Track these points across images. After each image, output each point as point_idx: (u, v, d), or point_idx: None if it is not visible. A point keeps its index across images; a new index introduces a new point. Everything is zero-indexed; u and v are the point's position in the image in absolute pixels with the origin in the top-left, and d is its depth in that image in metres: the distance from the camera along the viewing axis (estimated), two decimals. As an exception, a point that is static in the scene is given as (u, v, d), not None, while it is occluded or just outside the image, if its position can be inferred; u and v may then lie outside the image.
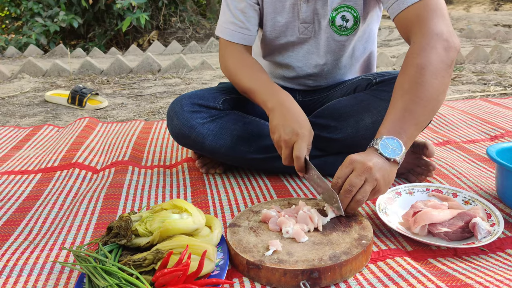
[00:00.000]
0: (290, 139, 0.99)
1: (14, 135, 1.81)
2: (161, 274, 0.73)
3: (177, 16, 5.46)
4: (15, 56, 4.37)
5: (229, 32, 1.20)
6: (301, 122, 1.01)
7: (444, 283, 0.72)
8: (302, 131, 0.99)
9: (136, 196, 1.19)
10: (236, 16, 1.19)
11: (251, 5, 1.19)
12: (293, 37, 1.22)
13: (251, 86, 1.13)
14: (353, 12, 1.16)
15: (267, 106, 1.08)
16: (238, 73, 1.18)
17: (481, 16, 7.07)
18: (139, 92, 2.67)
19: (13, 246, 0.95)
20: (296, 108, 1.05)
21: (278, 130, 1.02)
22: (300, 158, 0.97)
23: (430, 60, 0.90)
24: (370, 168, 0.84)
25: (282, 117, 1.03)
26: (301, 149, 0.97)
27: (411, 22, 0.98)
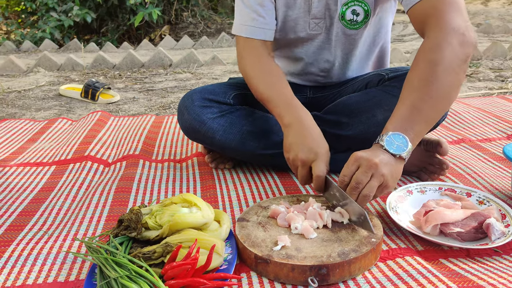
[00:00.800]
0: (308, 158, 0.96)
1: (29, 127, 1.84)
2: (170, 267, 0.74)
3: (188, 11, 5.46)
4: (31, 50, 4.43)
5: (249, 29, 1.16)
6: (320, 142, 0.99)
7: (455, 284, 0.71)
8: (321, 151, 0.97)
9: (146, 189, 1.20)
10: (255, 10, 1.15)
11: (270, 2, 1.16)
12: (303, 33, 1.21)
13: (269, 95, 1.10)
14: (363, 6, 1.15)
15: (283, 121, 1.05)
16: (256, 78, 1.14)
17: (499, 10, 6.93)
18: (151, 87, 2.69)
19: (27, 236, 0.97)
20: (314, 127, 1.02)
21: (295, 149, 0.99)
22: (321, 177, 0.94)
23: (444, 55, 0.88)
24: (376, 164, 0.84)
25: (299, 135, 1.00)
26: (322, 168, 0.95)
27: (426, 15, 0.95)
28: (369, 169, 0.84)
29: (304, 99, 1.38)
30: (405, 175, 1.21)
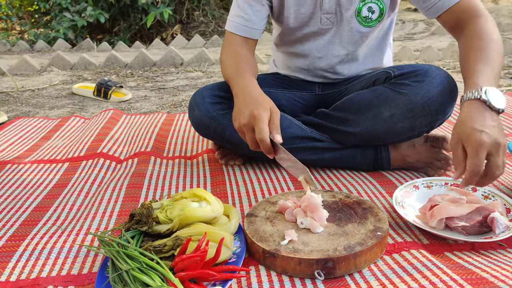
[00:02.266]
0: (249, 123, 0.95)
1: (43, 125, 1.88)
2: (180, 260, 0.76)
3: (200, 10, 5.49)
4: (44, 50, 4.50)
5: (235, 25, 1.23)
6: (259, 103, 0.97)
7: (459, 276, 0.73)
8: (259, 112, 0.94)
9: (157, 185, 1.23)
10: (243, 9, 1.22)
11: (262, 7, 1.22)
12: (314, 27, 1.24)
13: (228, 73, 1.16)
14: (379, 4, 1.17)
15: (234, 92, 1.09)
16: (223, 63, 1.21)
17: (510, 8, 6.83)
18: (162, 85, 2.72)
19: (42, 231, 1.00)
20: (256, 91, 1.03)
21: (238, 116, 0.99)
22: (264, 140, 0.92)
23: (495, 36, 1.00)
24: (501, 145, 0.82)
25: (242, 101, 1.01)
26: (262, 131, 0.92)
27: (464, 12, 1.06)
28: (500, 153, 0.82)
29: (312, 96, 1.39)
30: (412, 170, 1.22)
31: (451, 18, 1.10)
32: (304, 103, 1.38)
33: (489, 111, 0.85)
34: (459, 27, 1.09)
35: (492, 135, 0.81)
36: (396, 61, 3.11)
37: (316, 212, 0.87)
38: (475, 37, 1.01)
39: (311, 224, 0.86)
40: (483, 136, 0.81)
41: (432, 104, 1.09)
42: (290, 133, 1.21)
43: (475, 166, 0.81)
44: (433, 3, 1.10)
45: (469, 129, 0.82)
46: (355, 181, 1.18)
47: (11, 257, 0.89)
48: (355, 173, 1.23)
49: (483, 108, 0.85)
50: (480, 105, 0.86)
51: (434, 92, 1.09)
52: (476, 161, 0.81)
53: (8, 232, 1.00)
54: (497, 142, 0.81)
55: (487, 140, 0.80)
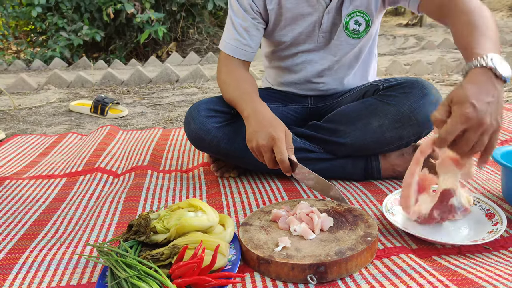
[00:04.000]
0: (268, 144, 1.02)
1: (41, 142, 1.91)
2: (177, 267, 0.79)
3: (194, 28, 5.59)
4: (41, 69, 4.55)
5: (232, 48, 1.27)
6: (275, 126, 1.04)
7: (445, 277, 0.76)
8: (278, 134, 1.02)
9: (154, 198, 1.26)
10: (240, 33, 1.26)
11: (254, 25, 1.26)
12: (311, 45, 1.30)
13: (233, 96, 1.20)
14: (365, 17, 1.23)
15: (244, 115, 1.13)
16: (226, 85, 1.25)
17: (499, 23, 7.00)
18: (158, 101, 2.77)
19: (41, 244, 1.02)
20: (269, 114, 1.09)
21: (255, 137, 1.05)
22: (284, 160, 1.00)
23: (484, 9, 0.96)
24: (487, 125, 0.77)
25: (256, 123, 1.07)
26: (282, 152, 1.00)
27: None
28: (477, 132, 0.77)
29: (305, 109, 1.44)
30: (401, 179, 1.25)
31: (431, 3, 1.09)
32: (296, 116, 1.43)
33: (494, 80, 0.79)
34: (443, 11, 1.05)
35: (480, 112, 0.76)
36: (387, 75, 3.18)
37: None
38: (464, 14, 0.96)
39: (304, 231, 0.89)
40: (470, 110, 0.76)
41: (419, 114, 1.13)
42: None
43: (446, 133, 0.78)
44: None
45: (464, 95, 0.77)
46: (347, 190, 1.21)
47: (11, 269, 0.91)
48: (347, 183, 1.27)
49: (488, 77, 0.79)
50: (485, 73, 0.79)
51: (420, 102, 1.14)
52: (449, 129, 0.77)
53: (8, 245, 1.02)
54: (481, 122, 0.76)
55: (472, 116, 0.76)
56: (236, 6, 1.26)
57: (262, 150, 1.04)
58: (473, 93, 0.77)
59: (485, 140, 0.79)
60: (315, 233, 0.89)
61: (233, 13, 1.28)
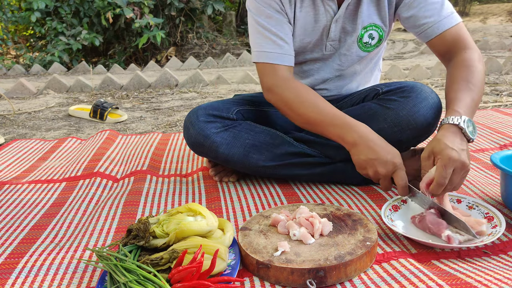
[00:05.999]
0: (388, 171, 1.05)
1: (40, 147, 1.91)
2: (176, 271, 0.79)
3: (193, 33, 5.61)
4: (40, 74, 4.56)
5: (275, 56, 1.17)
6: (392, 152, 1.06)
7: (445, 282, 0.76)
8: (397, 160, 1.05)
9: (153, 202, 1.26)
10: (280, 37, 1.17)
11: (289, 27, 1.20)
12: (318, 53, 1.30)
13: (317, 118, 1.12)
14: (379, 31, 1.24)
15: (346, 141, 1.09)
16: (296, 104, 1.14)
17: (497, 27, 7.04)
18: (157, 106, 2.77)
19: (40, 248, 1.02)
20: (379, 139, 1.07)
21: (372, 165, 1.06)
22: (405, 187, 1.03)
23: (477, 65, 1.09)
24: (467, 166, 0.93)
25: (370, 151, 1.05)
26: (404, 178, 1.04)
27: (454, 41, 1.14)
28: (463, 172, 0.94)
29: (304, 114, 1.44)
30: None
31: (440, 45, 1.16)
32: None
33: (462, 137, 0.96)
34: (447, 55, 1.16)
35: (461, 155, 0.92)
36: (386, 79, 3.20)
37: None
38: (461, 67, 1.09)
39: (303, 235, 0.89)
40: (453, 153, 0.92)
41: (418, 118, 1.14)
42: (283, 150, 1.25)
43: (442, 178, 0.92)
44: (423, 29, 1.17)
45: (443, 145, 0.93)
46: (346, 195, 1.22)
47: (10, 273, 0.91)
48: (346, 187, 1.27)
49: (458, 133, 0.96)
50: (456, 130, 0.96)
51: (419, 107, 1.14)
52: (443, 174, 0.92)
53: (7, 250, 1.02)
54: (463, 162, 0.92)
55: (456, 158, 0.91)
56: (266, 12, 1.17)
57: (381, 177, 1.06)
58: (450, 141, 0.94)
59: (463, 180, 0.96)
60: (315, 237, 0.89)
61: (264, 20, 1.18)
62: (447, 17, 1.14)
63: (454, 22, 1.15)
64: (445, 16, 1.14)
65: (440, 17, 1.14)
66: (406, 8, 1.18)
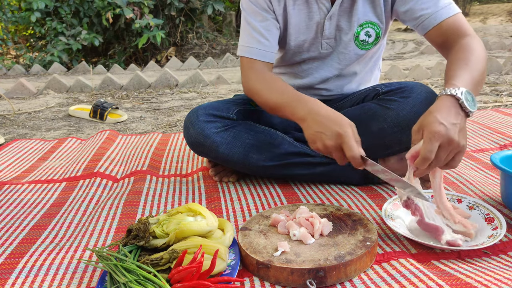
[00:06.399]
0: (336, 143, 0.99)
1: (40, 147, 1.91)
2: (176, 271, 0.79)
3: (193, 33, 5.61)
4: (40, 74, 4.56)
5: (254, 51, 1.22)
6: (340, 123, 1.00)
7: (444, 282, 0.76)
8: (344, 130, 0.98)
9: (153, 202, 1.26)
10: (262, 35, 1.22)
11: (274, 25, 1.24)
12: (315, 52, 1.30)
13: (278, 102, 1.14)
14: (376, 29, 1.24)
15: (298, 117, 1.07)
16: (263, 91, 1.18)
17: (497, 27, 7.04)
18: (157, 106, 2.77)
19: (40, 248, 1.02)
20: (327, 110, 1.05)
21: (320, 138, 1.01)
22: (356, 157, 0.97)
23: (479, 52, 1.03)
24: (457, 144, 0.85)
25: (317, 124, 1.02)
26: (353, 148, 0.97)
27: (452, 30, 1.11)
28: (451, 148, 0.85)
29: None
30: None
31: (437, 36, 1.14)
32: (296, 121, 1.43)
33: (458, 109, 0.88)
34: (446, 45, 1.13)
35: (450, 130, 0.84)
36: (386, 79, 3.20)
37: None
38: (460, 51, 1.05)
39: (303, 235, 0.89)
40: (441, 128, 0.84)
41: (418, 119, 1.13)
42: (283, 150, 1.25)
43: (426, 152, 0.84)
44: (420, 21, 1.15)
45: (432, 118, 0.86)
46: (346, 195, 1.22)
47: (10, 273, 0.91)
48: (346, 187, 1.27)
49: (454, 106, 0.88)
50: (452, 101, 0.89)
51: (419, 107, 1.14)
52: (428, 148, 0.84)
53: (7, 250, 1.02)
54: (451, 138, 0.84)
55: (443, 133, 0.84)
56: (253, 8, 1.23)
57: (331, 150, 1.01)
58: (441, 115, 0.86)
59: (449, 157, 0.87)
60: (315, 237, 0.89)
61: (250, 17, 1.24)
62: (444, 7, 1.13)
63: (451, 12, 1.12)
64: (442, 7, 1.13)
65: (437, 8, 1.13)
66: (402, 2, 1.18)
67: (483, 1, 11.64)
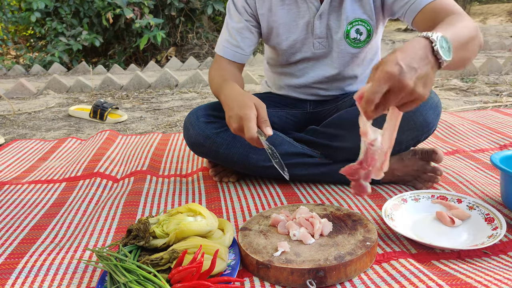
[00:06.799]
0: (239, 125, 1.01)
1: (40, 147, 1.91)
2: (176, 271, 0.79)
3: (193, 33, 5.61)
4: (40, 74, 4.56)
5: (223, 49, 1.30)
6: (242, 105, 1.01)
7: (444, 282, 0.76)
8: (244, 112, 0.99)
9: (153, 202, 1.26)
10: (232, 35, 1.29)
11: (248, 27, 1.29)
12: (308, 52, 1.29)
13: (215, 88, 1.23)
14: (366, 26, 1.23)
15: (220, 102, 1.14)
16: (211, 80, 1.28)
17: (497, 28, 7.04)
18: (157, 106, 2.77)
19: (40, 248, 1.02)
20: (235, 94, 1.07)
21: (229, 122, 1.04)
22: (252, 137, 0.98)
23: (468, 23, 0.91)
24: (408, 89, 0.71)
25: (228, 108, 1.06)
26: (250, 130, 0.97)
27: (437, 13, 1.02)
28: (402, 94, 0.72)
29: (304, 113, 1.44)
30: (400, 184, 1.26)
31: (424, 21, 1.07)
32: (295, 121, 1.43)
33: (428, 53, 0.74)
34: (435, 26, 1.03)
35: (405, 73, 0.71)
36: (385, 80, 3.19)
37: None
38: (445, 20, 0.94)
39: (303, 235, 0.89)
40: (395, 68, 0.70)
41: (417, 119, 1.14)
42: (282, 150, 1.25)
43: (370, 93, 0.72)
44: (405, 10, 1.12)
45: (391, 57, 0.72)
46: (346, 195, 1.22)
47: (10, 274, 0.91)
48: (346, 187, 1.27)
49: (423, 48, 0.74)
50: (423, 43, 0.75)
51: (419, 107, 1.14)
52: (373, 89, 0.72)
53: (7, 250, 1.02)
54: (403, 83, 0.71)
55: (395, 74, 0.70)
56: (232, 9, 1.30)
57: (237, 132, 1.03)
58: (402, 55, 0.72)
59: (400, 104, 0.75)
60: (315, 237, 0.89)
61: (229, 16, 1.31)
62: None
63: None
64: None
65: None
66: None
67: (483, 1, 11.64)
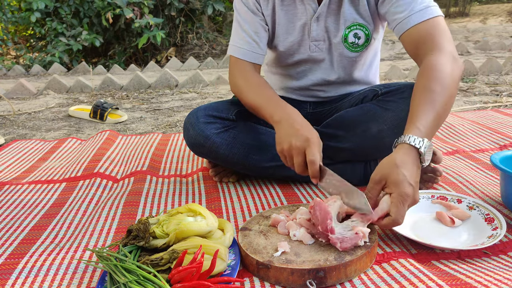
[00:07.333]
0: (302, 146, 1.00)
1: (40, 147, 1.91)
2: (176, 272, 0.79)
3: (193, 33, 5.61)
4: (40, 74, 4.56)
5: (242, 51, 1.25)
6: (310, 131, 1.03)
7: (444, 282, 0.76)
8: (313, 137, 1.00)
9: (153, 203, 1.26)
10: (250, 36, 1.25)
11: (262, 26, 1.26)
12: (304, 54, 1.29)
13: (258, 101, 1.18)
14: (365, 30, 1.23)
15: (274, 119, 1.10)
16: (246, 90, 1.22)
17: (497, 28, 7.04)
18: (157, 107, 2.77)
19: (40, 249, 1.02)
20: (302, 120, 1.08)
21: (288, 140, 1.03)
22: (315, 162, 0.97)
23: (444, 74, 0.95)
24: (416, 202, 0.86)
25: (290, 127, 1.05)
26: (315, 154, 0.97)
27: (422, 39, 1.04)
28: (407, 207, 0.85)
29: (304, 114, 1.43)
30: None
31: (409, 43, 1.08)
32: (295, 121, 1.43)
33: (419, 164, 0.88)
34: (416, 57, 1.06)
35: (416, 190, 0.85)
36: (385, 80, 3.20)
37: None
38: (423, 74, 0.98)
39: (303, 236, 0.89)
40: (410, 190, 0.84)
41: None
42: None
43: (399, 217, 0.84)
44: (394, 26, 1.12)
45: (401, 176, 0.84)
46: (346, 195, 1.21)
47: (10, 274, 0.91)
48: (346, 188, 1.27)
49: (416, 159, 0.88)
50: (415, 155, 0.88)
51: None
52: (402, 212, 0.83)
53: (7, 250, 1.02)
54: (415, 199, 0.85)
55: (411, 194, 0.84)
56: (243, 9, 1.26)
57: (294, 152, 1.01)
58: (408, 174, 0.85)
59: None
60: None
61: (240, 17, 1.27)
62: (419, 11, 1.05)
63: (426, 16, 1.04)
64: (416, 10, 1.05)
65: (410, 12, 1.05)
66: (382, 4, 1.15)
67: (483, 1, 11.65)
